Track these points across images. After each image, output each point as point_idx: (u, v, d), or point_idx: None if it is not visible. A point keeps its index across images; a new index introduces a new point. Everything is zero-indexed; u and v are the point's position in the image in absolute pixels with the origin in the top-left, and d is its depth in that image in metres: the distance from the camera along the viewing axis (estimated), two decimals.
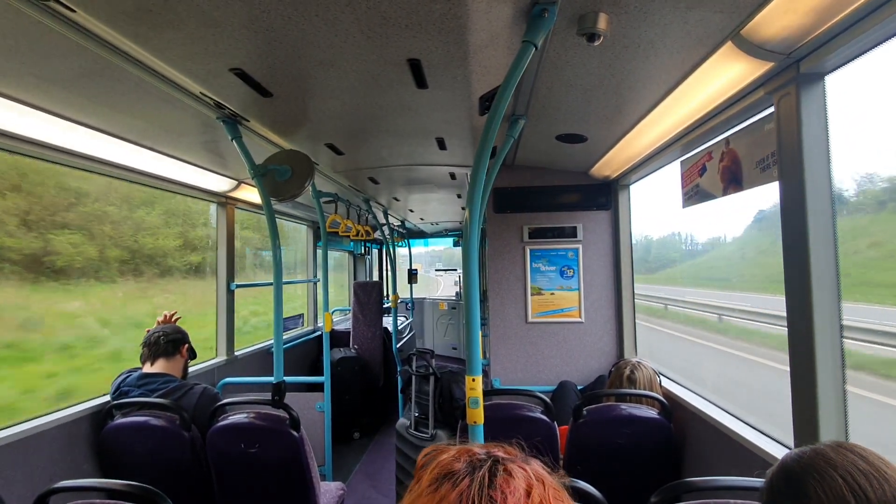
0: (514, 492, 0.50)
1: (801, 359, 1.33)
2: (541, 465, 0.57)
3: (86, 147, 2.06)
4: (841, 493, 0.71)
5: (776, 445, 1.55)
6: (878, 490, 0.70)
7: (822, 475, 0.74)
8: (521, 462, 0.55)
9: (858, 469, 0.73)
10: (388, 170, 3.11)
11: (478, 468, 0.52)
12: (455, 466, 0.53)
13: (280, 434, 1.94)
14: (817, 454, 0.78)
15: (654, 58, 1.45)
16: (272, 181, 2.24)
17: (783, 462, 0.83)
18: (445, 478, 0.52)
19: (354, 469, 3.96)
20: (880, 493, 0.70)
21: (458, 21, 1.23)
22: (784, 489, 0.80)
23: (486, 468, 0.52)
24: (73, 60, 1.41)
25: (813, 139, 1.30)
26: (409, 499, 0.54)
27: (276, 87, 1.67)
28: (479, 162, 1.30)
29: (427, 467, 0.55)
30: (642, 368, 2.15)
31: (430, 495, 0.51)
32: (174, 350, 2.23)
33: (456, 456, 0.55)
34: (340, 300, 6.74)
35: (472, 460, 0.54)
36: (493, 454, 0.56)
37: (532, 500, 0.50)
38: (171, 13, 1.18)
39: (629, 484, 1.90)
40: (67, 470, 1.96)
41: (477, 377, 1.31)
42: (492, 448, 0.58)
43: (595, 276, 3.05)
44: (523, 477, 0.52)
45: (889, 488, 0.70)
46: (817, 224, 1.29)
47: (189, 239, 3.75)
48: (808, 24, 1.15)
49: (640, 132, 2.11)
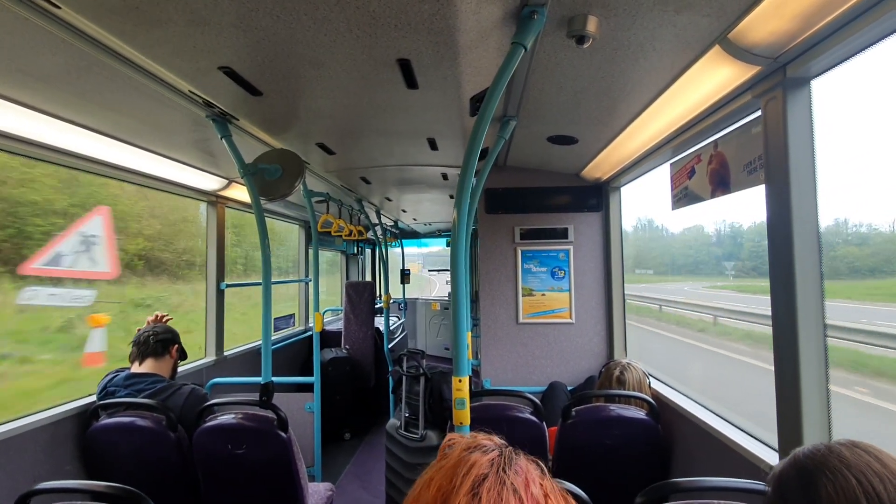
0: (529, 471, 0.58)
1: (785, 358, 1.35)
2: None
3: (73, 145, 2.04)
4: (854, 496, 0.69)
5: (762, 447, 1.57)
6: (892, 493, 0.68)
7: (836, 474, 0.72)
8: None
9: (873, 470, 0.71)
10: (380, 170, 3.10)
11: (504, 447, 0.61)
12: (485, 442, 0.61)
13: (267, 435, 1.93)
14: (832, 452, 0.76)
15: (643, 61, 1.46)
16: (262, 180, 2.22)
17: (795, 457, 0.80)
18: (477, 448, 0.59)
19: (344, 470, 3.95)
20: (894, 496, 0.68)
21: (447, 21, 1.23)
22: (794, 485, 0.78)
23: (511, 449, 0.61)
24: (60, 57, 1.40)
25: (799, 143, 1.32)
26: (432, 472, 0.59)
27: (266, 85, 1.66)
28: (467, 162, 1.30)
29: (454, 446, 0.62)
30: (632, 370, 2.16)
31: (459, 458, 0.58)
32: (163, 350, 2.21)
33: (482, 437, 0.63)
34: (333, 300, 6.71)
35: (497, 442, 0.62)
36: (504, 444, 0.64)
37: (544, 482, 0.58)
38: (158, 10, 1.17)
39: (617, 484, 1.91)
40: (51, 471, 1.93)
41: (464, 378, 1.31)
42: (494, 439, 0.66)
43: (586, 277, 3.06)
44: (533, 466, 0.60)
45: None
46: (802, 227, 1.31)
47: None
48: (795, 29, 1.16)
49: (631, 135, 2.12)
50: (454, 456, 0.58)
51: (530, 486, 0.55)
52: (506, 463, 0.57)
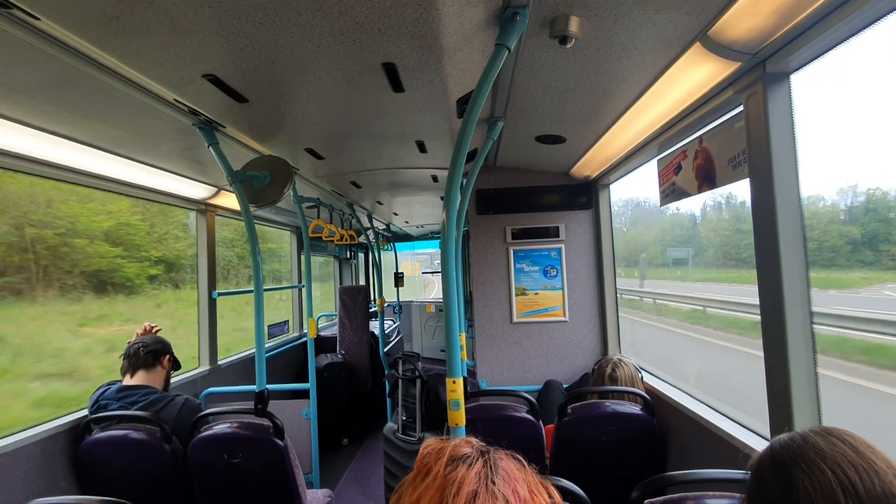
0: (511, 470, 0.60)
1: (773, 346, 1.37)
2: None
3: (57, 157, 2.01)
4: (830, 488, 0.69)
5: (755, 437, 1.59)
6: (868, 483, 0.68)
7: (811, 467, 0.72)
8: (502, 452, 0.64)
9: (848, 460, 0.70)
10: (370, 174, 3.10)
11: (484, 451, 0.62)
12: (464, 450, 0.61)
13: (263, 443, 1.92)
14: (807, 443, 0.75)
15: (626, 59, 1.48)
16: (251, 187, 2.22)
17: (772, 449, 0.80)
18: (459, 461, 0.59)
19: (343, 475, 3.93)
20: (870, 486, 0.68)
21: (431, 25, 1.23)
22: (770, 478, 0.77)
23: (491, 452, 0.62)
24: (41, 68, 1.38)
25: (780, 136, 1.34)
26: (418, 492, 0.59)
27: (252, 92, 1.66)
28: (455, 164, 1.31)
29: (431, 458, 0.62)
30: (623, 366, 2.17)
31: (445, 478, 0.58)
32: (154, 361, 2.18)
33: (459, 444, 0.63)
34: (327, 306, 6.69)
35: (475, 446, 0.63)
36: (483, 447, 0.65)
37: (526, 478, 0.60)
38: (139, 20, 1.16)
39: (614, 479, 1.92)
40: (44, 487, 1.91)
41: (458, 379, 1.32)
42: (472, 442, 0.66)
43: (578, 274, 3.08)
44: (514, 463, 0.62)
45: (879, 482, 0.68)
46: (786, 218, 1.33)
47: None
48: (772, 25, 1.18)
49: (617, 132, 2.14)
50: (439, 474, 0.59)
51: (518, 490, 0.57)
52: (491, 471, 0.58)
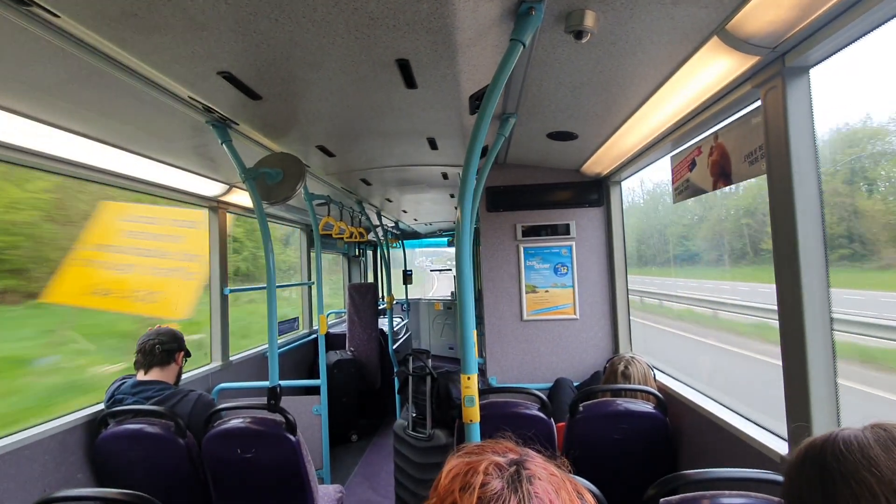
0: (548, 493, 0.54)
1: (792, 347, 1.35)
2: (542, 457, 0.60)
3: (74, 154, 2.04)
4: None
5: (771, 437, 1.57)
6: None
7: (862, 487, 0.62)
8: (537, 460, 0.58)
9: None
10: (380, 171, 3.10)
11: (515, 479, 0.54)
12: (496, 488, 0.53)
13: (276, 438, 1.93)
14: (864, 456, 0.64)
15: (641, 54, 1.46)
16: (263, 184, 2.23)
17: (823, 455, 0.69)
18: (491, 501, 0.52)
19: (353, 471, 3.95)
20: None
21: (445, 20, 1.23)
22: (813, 484, 0.68)
23: (523, 477, 0.54)
24: (59, 66, 1.40)
25: (799, 131, 1.32)
26: None
27: (265, 89, 1.66)
28: (469, 161, 1.31)
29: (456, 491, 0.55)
30: (636, 363, 2.16)
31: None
32: (169, 359, 2.20)
33: (487, 468, 0.56)
34: (336, 303, 6.72)
35: (504, 470, 0.55)
36: (515, 458, 0.58)
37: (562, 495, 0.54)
38: (157, 17, 1.17)
39: (627, 478, 1.91)
40: (62, 480, 1.94)
41: (472, 375, 1.32)
42: (506, 450, 0.60)
43: (589, 272, 3.06)
44: (548, 481, 0.55)
45: None
46: (805, 216, 1.31)
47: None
48: (793, 18, 1.16)
49: (630, 129, 2.12)
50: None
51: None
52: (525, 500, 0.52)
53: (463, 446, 0.63)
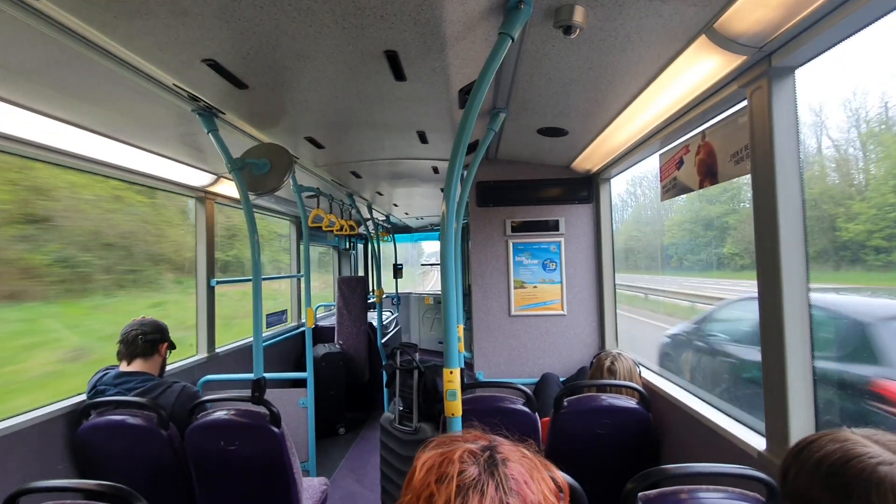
0: (521, 474, 0.56)
1: (771, 345, 1.37)
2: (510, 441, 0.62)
3: (54, 140, 2.00)
4: None
5: (750, 432, 1.59)
6: None
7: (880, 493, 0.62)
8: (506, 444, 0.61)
9: None
10: (371, 164, 3.08)
11: (490, 464, 0.56)
12: (472, 473, 0.55)
13: (260, 430, 1.92)
14: (883, 462, 0.64)
15: (630, 51, 1.46)
16: (250, 175, 2.20)
17: (831, 460, 0.70)
18: (469, 488, 0.54)
19: (339, 464, 3.95)
20: None
21: (434, 12, 1.22)
22: (828, 482, 0.69)
23: (498, 462, 0.57)
24: (39, 50, 1.37)
25: (784, 131, 1.33)
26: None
27: (252, 78, 1.64)
28: (455, 154, 1.30)
29: (432, 480, 0.56)
30: (622, 360, 2.18)
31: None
32: (152, 350, 2.18)
33: (462, 456, 0.57)
34: (326, 296, 6.69)
35: (479, 457, 0.57)
36: (486, 444, 0.60)
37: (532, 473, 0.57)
38: (139, 2, 1.15)
39: (609, 472, 1.93)
40: (41, 471, 1.92)
41: (455, 370, 1.32)
42: (475, 438, 0.62)
43: (577, 268, 3.08)
44: (520, 464, 0.58)
45: None
46: (787, 215, 1.32)
47: None
48: (779, 18, 1.17)
49: (620, 126, 2.12)
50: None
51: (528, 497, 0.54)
52: (505, 494, 0.54)
53: (431, 439, 0.63)
